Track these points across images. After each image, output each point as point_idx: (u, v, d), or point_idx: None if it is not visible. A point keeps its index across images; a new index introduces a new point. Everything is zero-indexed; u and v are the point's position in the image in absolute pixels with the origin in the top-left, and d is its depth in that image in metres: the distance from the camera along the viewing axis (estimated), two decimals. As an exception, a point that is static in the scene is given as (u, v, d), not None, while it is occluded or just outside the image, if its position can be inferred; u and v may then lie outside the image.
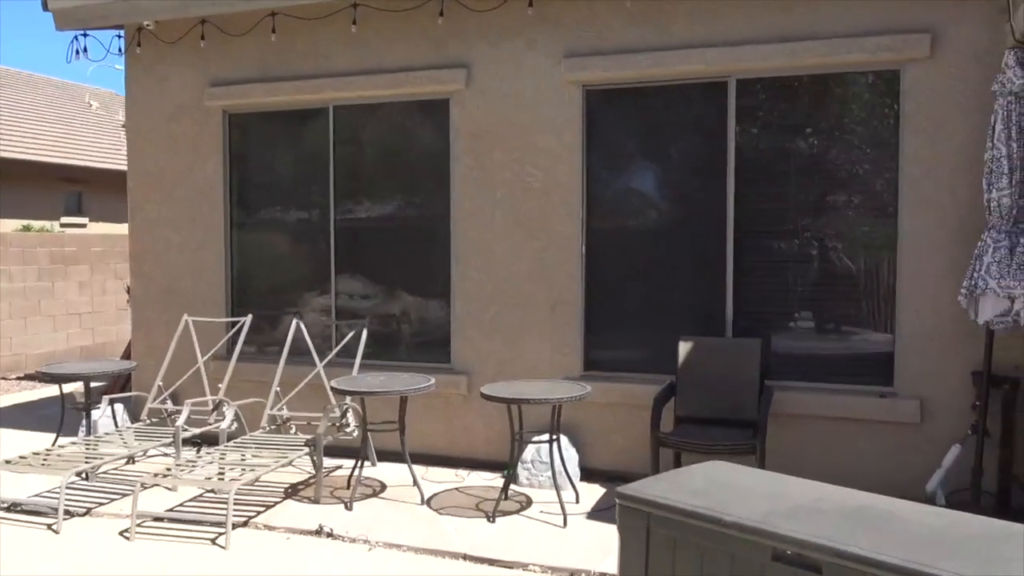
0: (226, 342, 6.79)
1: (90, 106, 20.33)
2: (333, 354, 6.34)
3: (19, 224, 14.17)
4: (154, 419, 6.37)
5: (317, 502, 5.34)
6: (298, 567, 4.36)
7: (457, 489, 5.61)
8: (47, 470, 5.05)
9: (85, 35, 6.84)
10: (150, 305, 7.12)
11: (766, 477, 3.12)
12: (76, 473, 5.67)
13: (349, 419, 5.98)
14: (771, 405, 5.13)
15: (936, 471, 4.81)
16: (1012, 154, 4.48)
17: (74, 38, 6.85)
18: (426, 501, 5.33)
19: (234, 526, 4.93)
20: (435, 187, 6.27)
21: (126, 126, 7.11)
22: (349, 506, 5.23)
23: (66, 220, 16.29)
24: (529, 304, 6.00)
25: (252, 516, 5.10)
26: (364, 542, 4.70)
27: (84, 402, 6.14)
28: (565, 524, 4.87)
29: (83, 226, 16.45)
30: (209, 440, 6.42)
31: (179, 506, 5.29)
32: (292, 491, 5.59)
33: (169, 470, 5.04)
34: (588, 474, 5.79)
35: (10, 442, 6.97)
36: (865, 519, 2.52)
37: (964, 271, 4.90)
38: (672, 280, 5.72)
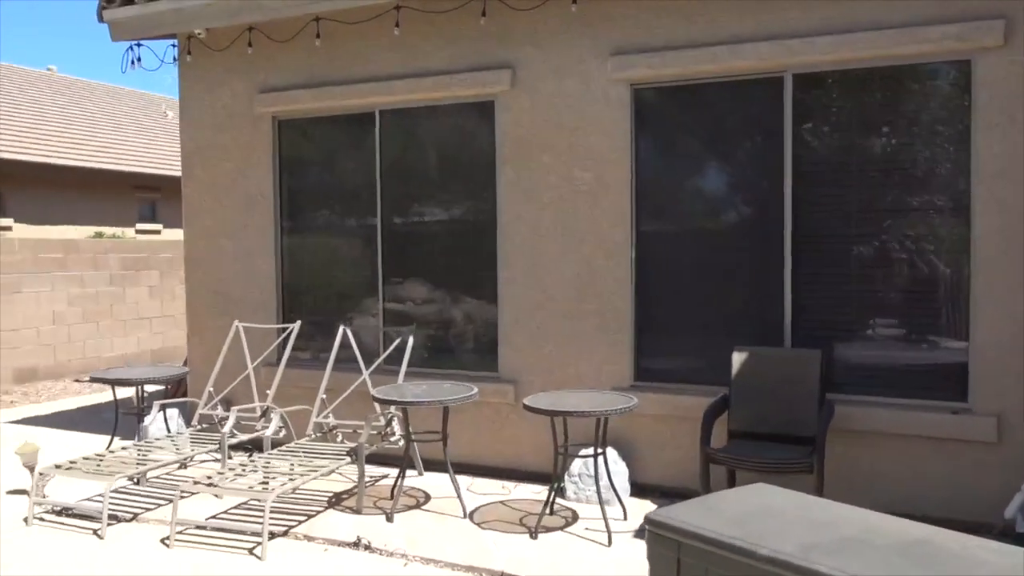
0: (276, 348, 6.78)
1: (165, 115, 20.94)
2: (379, 362, 6.26)
3: (93, 231, 14.62)
4: (204, 425, 6.40)
5: (359, 512, 5.26)
6: (331, 582, 4.27)
7: (502, 502, 5.46)
8: (95, 476, 5.09)
9: (139, 45, 6.93)
10: (204, 311, 7.17)
11: (813, 504, 2.87)
12: (128, 478, 5.75)
13: (395, 427, 5.89)
14: (831, 420, 4.82)
15: (1016, 495, 4.42)
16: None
17: (129, 48, 6.95)
18: (468, 514, 5.19)
19: (274, 536, 4.88)
20: (481, 191, 6.13)
21: (180, 134, 7.19)
22: (390, 517, 5.12)
23: (141, 227, 16.76)
24: (578, 311, 5.80)
25: (293, 526, 5.04)
26: (401, 556, 4.59)
27: (136, 407, 6.20)
28: (610, 543, 4.66)
29: (157, 233, 16.90)
30: (260, 446, 6.41)
31: (223, 513, 5.28)
32: (336, 500, 5.52)
33: (210, 478, 5.02)
34: (639, 489, 5.57)
35: (72, 444, 7.12)
36: (921, 557, 2.27)
37: (1045, 277, 4.52)
38: (727, 286, 5.45)
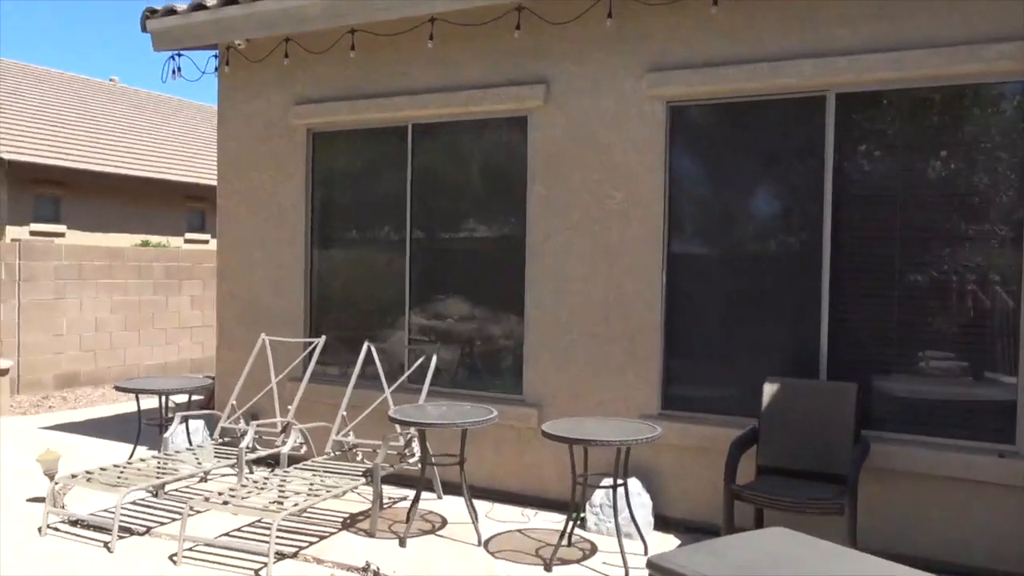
0: (301, 363, 6.72)
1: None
2: (401, 380, 6.15)
3: (139, 239, 14.87)
4: (227, 438, 6.35)
5: (372, 535, 5.12)
6: (334, 607, 4.13)
7: (520, 531, 5.27)
8: (108, 488, 5.04)
9: (180, 55, 6.98)
10: (233, 322, 7.16)
11: (833, 553, 2.65)
12: (146, 489, 5.71)
13: (414, 448, 5.75)
14: (867, 459, 4.54)
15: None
16: None
17: (170, 57, 7.00)
18: (484, 542, 5.02)
19: (283, 556, 4.77)
20: (511, 208, 6.00)
21: (218, 144, 7.21)
22: (403, 542, 4.98)
23: (190, 236, 17.03)
24: (605, 334, 5.61)
25: (304, 547, 4.93)
26: (409, 583, 4.43)
27: (159, 418, 6.17)
28: (626, 579, 4.45)
29: (205, 242, 17.15)
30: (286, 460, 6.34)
31: (236, 531, 5.19)
32: (350, 521, 5.39)
33: (221, 494, 4.93)
34: (664, 523, 5.34)
35: (99, 451, 7.14)
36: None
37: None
38: (760, 313, 5.21)
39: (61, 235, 14.47)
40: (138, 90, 22.33)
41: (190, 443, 6.48)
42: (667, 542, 5.05)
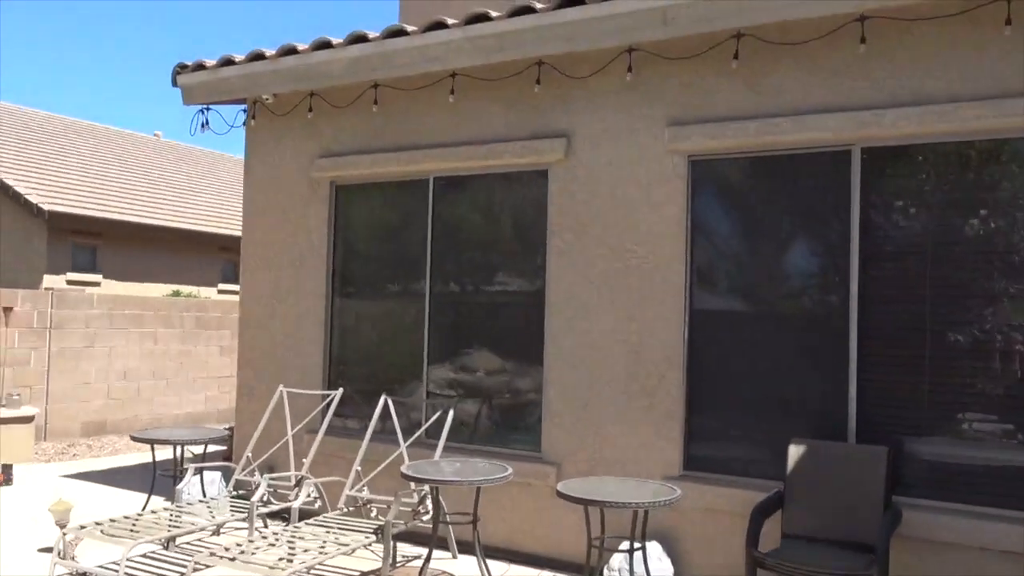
0: (318, 415, 6.65)
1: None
2: (417, 435, 6.04)
3: (171, 289, 15.05)
4: (242, 490, 6.26)
5: (382, 595, 4.97)
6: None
7: (534, 594, 5.09)
8: (115, 540, 4.96)
9: (208, 109, 7.10)
10: (253, 373, 7.13)
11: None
12: (158, 542, 5.62)
13: (428, 505, 5.61)
14: (897, 526, 4.32)
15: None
16: None
17: (199, 111, 7.12)
18: (496, 605, 4.84)
19: (288, 616, 4.62)
20: (531, 262, 5.93)
21: (243, 196, 7.27)
22: (413, 604, 4.82)
23: (223, 287, 17.20)
24: (626, 392, 5.47)
25: (311, 606, 4.79)
26: (416, 649, 4.27)
27: (173, 469, 6.11)
28: (642, 650, 4.24)
29: (236, 293, 17.30)
30: (299, 514, 6.22)
31: (243, 587, 5.06)
32: (361, 580, 5.25)
33: (228, 549, 4.83)
34: (684, 588, 5.12)
35: (115, 501, 7.09)
36: None
37: None
38: (786, 371, 5.04)
39: (97, 284, 14.69)
40: (179, 144, 22.87)
41: (204, 494, 6.40)
42: (688, 611, 4.83)
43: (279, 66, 6.46)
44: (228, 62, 6.72)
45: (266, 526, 6.06)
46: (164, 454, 9.44)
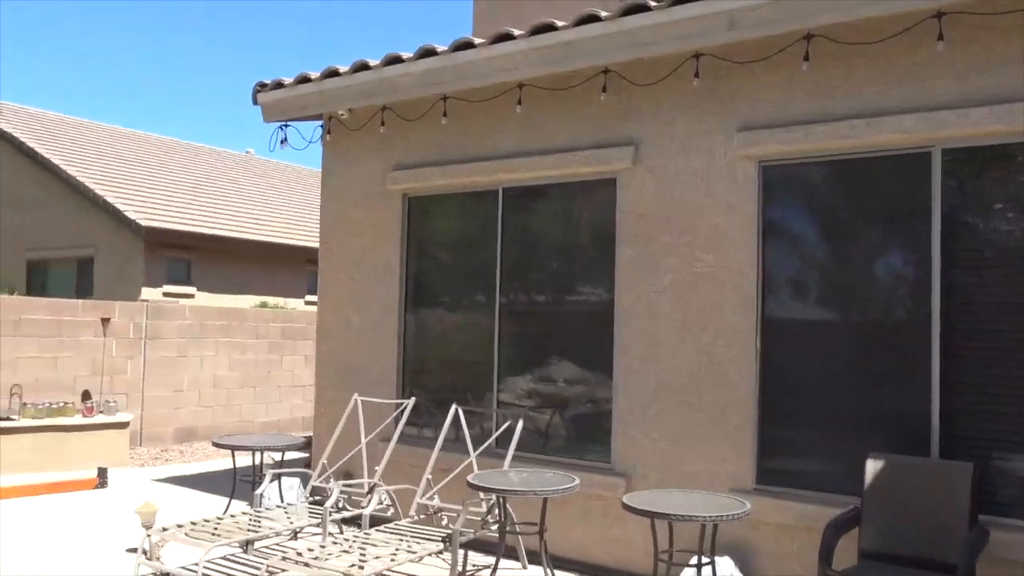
0: (392, 423, 6.74)
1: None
2: (487, 444, 6.06)
3: (259, 300, 15.53)
4: (317, 496, 6.41)
5: (449, 604, 5.00)
6: None
7: (602, 607, 5.02)
8: (195, 542, 5.14)
9: (286, 126, 7.32)
10: (330, 382, 7.29)
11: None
12: (238, 544, 5.80)
13: (497, 515, 5.62)
14: (983, 546, 4.09)
15: None
16: None
17: (278, 128, 7.35)
18: (562, 617, 4.81)
19: (357, 621, 4.69)
20: (600, 271, 5.89)
21: (320, 209, 7.47)
22: (480, 613, 4.83)
23: (309, 299, 17.67)
24: (697, 403, 5.37)
25: (380, 612, 4.84)
26: (480, 658, 4.27)
27: (252, 474, 6.30)
28: (710, 668, 4.13)
29: (323, 304, 17.74)
30: (372, 520, 6.32)
31: (316, 592, 5.17)
32: (430, 588, 5.29)
33: (300, 554, 4.94)
34: (758, 606, 4.98)
35: (200, 504, 7.34)
36: None
37: None
38: (864, 383, 4.86)
39: (191, 296, 15.29)
40: (269, 160, 23.66)
41: (282, 500, 6.57)
42: (760, 629, 4.69)
43: (352, 82, 6.62)
44: (304, 79, 6.92)
45: (341, 532, 6.18)
46: (242, 461, 9.73)
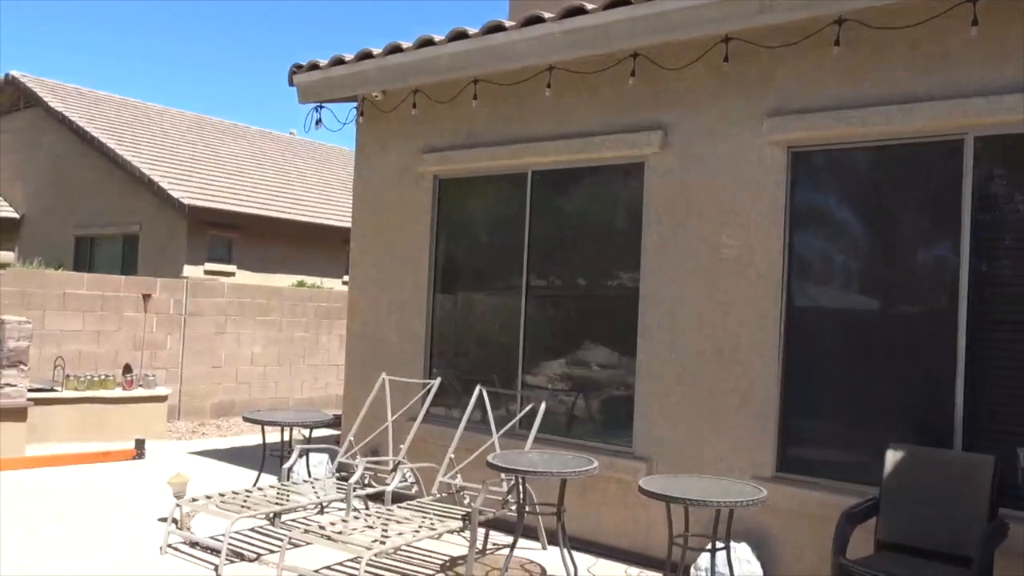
0: (418, 403, 6.83)
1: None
2: (510, 425, 6.11)
3: (296, 279, 15.75)
4: (343, 472, 6.53)
5: (467, 581, 5.07)
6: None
7: (619, 588, 5.07)
8: (223, 513, 5.29)
9: (322, 107, 7.40)
10: (359, 361, 7.40)
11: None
12: (265, 516, 5.95)
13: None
14: (1002, 540, 4.04)
15: None
16: None
17: (313, 109, 7.44)
18: (578, 597, 4.86)
19: (376, 594, 4.80)
20: (626, 255, 5.89)
21: (353, 191, 7.56)
22: (496, 590, 4.90)
23: (346, 279, 17.88)
24: (719, 389, 5.36)
25: (399, 586, 4.95)
26: (494, 634, 4.34)
27: (280, 450, 6.44)
28: (721, 651, 4.15)
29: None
30: (396, 497, 6.43)
31: (338, 564, 5.28)
32: (450, 564, 5.38)
33: (322, 528, 5.05)
34: (775, 593, 4.97)
35: (231, 477, 7.52)
36: None
37: None
38: (887, 374, 4.81)
39: (232, 274, 15.55)
40: (312, 141, 23.90)
41: (309, 475, 6.71)
42: (775, 616, 4.69)
43: (385, 63, 6.67)
44: (339, 61, 6.99)
45: (367, 507, 6.29)
46: (274, 436, 9.90)
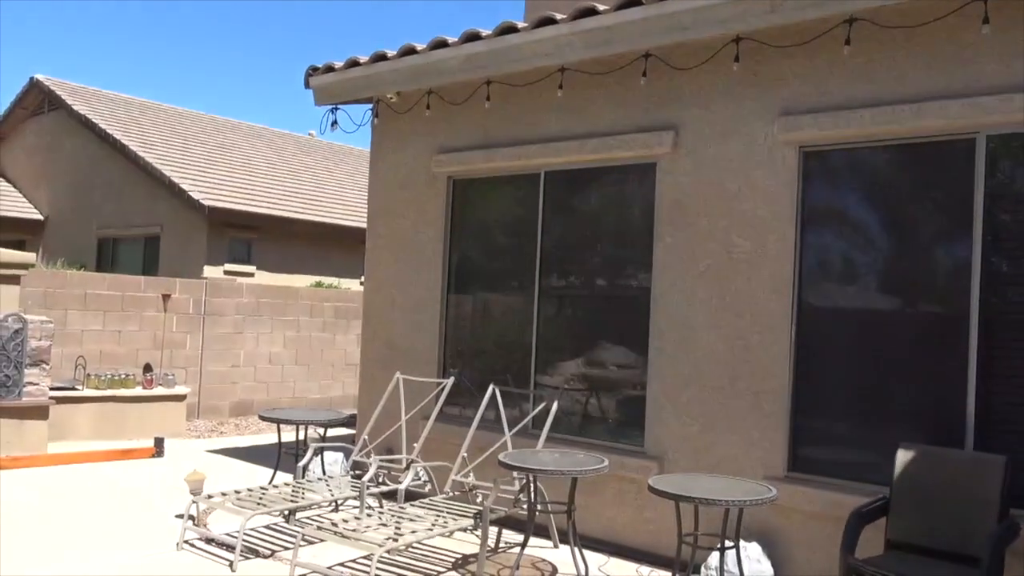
0: (431, 402, 6.88)
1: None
2: (523, 424, 6.15)
3: (315, 280, 15.86)
4: (358, 471, 6.59)
5: (478, 578, 5.11)
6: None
7: (629, 587, 5.09)
8: (238, 510, 5.36)
9: (336, 109, 7.47)
10: (374, 361, 7.46)
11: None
12: (280, 513, 6.02)
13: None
14: (1014, 541, 4.03)
15: None
16: None
17: (329, 111, 7.51)
18: (588, 596, 4.88)
19: (388, 591, 4.85)
20: (638, 256, 5.91)
21: (368, 192, 7.62)
22: (507, 588, 4.93)
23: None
24: (730, 388, 5.37)
25: (411, 583, 5.00)
26: (503, 631, 4.38)
27: (295, 448, 6.51)
28: (729, 650, 4.16)
29: (378, 285, 18.01)
30: (409, 495, 6.48)
31: (351, 561, 5.34)
32: (461, 562, 5.42)
33: (335, 524, 5.11)
34: (786, 593, 4.97)
35: (248, 474, 7.61)
36: None
37: None
38: (899, 374, 4.79)
39: (251, 274, 15.69)
40: (330, 143, 24.05)
41: (324, 473, 6.78)
42: (785, 615, 4.70)
43: (400, 65, 6.73)
44: (354, 63, 7.05)
45: (380, 505, 6.35)
46: (291, 436, 10.00)
